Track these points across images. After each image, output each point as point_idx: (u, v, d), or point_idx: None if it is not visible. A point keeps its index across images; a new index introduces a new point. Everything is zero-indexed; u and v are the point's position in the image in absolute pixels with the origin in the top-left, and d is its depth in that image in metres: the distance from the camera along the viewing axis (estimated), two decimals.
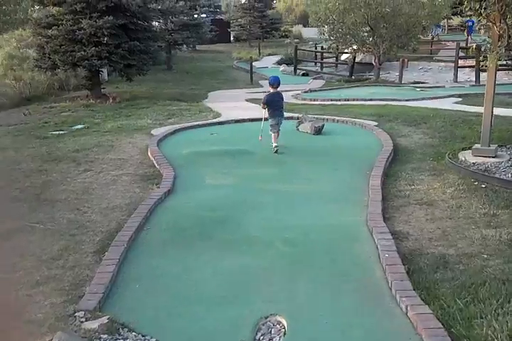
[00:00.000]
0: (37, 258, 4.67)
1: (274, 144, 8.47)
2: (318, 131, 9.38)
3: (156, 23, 23.24)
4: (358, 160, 7.82)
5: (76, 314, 3.65)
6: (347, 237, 4.88)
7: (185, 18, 22.87)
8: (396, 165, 7.52)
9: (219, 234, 5.06)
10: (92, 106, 13.94)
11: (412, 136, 9.28)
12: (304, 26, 52.62)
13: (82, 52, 13.42)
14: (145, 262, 4.55)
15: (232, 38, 42.47)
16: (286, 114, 11.50)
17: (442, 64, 25.46)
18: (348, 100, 14.11)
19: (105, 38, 13.39)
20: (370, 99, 14.01)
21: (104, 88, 15.53)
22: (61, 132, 10.74)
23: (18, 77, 15.85)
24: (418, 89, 16.30)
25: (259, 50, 33.19)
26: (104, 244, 4.90)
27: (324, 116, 11.05)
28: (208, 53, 34.09)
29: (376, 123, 10.28)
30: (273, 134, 8.61)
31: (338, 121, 10.48)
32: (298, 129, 9.73)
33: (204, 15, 32.55)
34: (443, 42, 31.23)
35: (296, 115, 11.26)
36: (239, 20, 41.06)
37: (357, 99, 14.09)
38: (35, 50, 14.53)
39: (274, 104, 8.60)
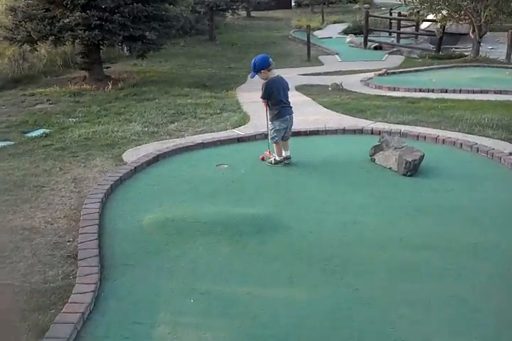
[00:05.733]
0: None
1: (278, 158, 5.47)
2: (413, 170, 5.03)
3: None
4: None
5: None
6: None
7: None
8: None
9: None
10: (81, 94, 10.05)
11: None
12: None
13: (65, 20, 9.42)
14: None
15: (293, 3, 37.46)
16: (351, 121, 7.27)
17: None
18: (446, 91, 9.52)
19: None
20: (481, 92, 9.35)
21: (107, 67, 11.54)
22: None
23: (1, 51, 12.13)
24: None
25: (323, 16, 28.19)
26: None
27: (417, 129, 6.63)
28: (263, 20, 29.52)
29: None
30: (276, 145, 5.45)
31: (444, 141, 6.03)
32: (373, 161, 5.42)
33: None
34: None
35: (368, 124, 6.90)
36: None
37: (460, 91, 9.48)
38: (9, 16, 10.59)
39: (281, 96, 5.36)
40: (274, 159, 5.44)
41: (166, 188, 4.85)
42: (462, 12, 15.25)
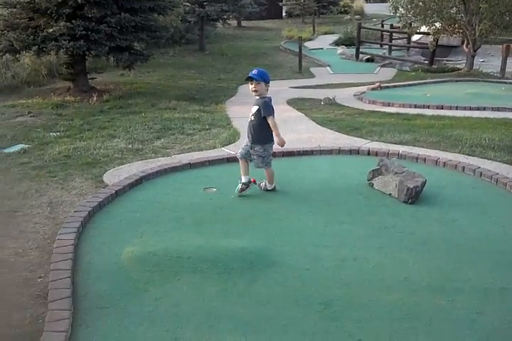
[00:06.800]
0: None
1: (270, 186, 5.08)
2: (415, 197, 4.71)
3: None
4: None
5: None
6: None
7: None
8: None
9: None
10: (64, 106, 9.66)
11: None
12: (366, 1, 46.99)
13: (49, 29, 9.06)
14: None
15: (284, 14, 37.34)
16: (346, 140, 6.93)
17: None
18: (442, 107, 9.25)
19: (84, 8, 8.99)
20: (478, 108, 9.10)
21: (92, 78, 11.16)
22: None
23: None
24: None
25: (314, 27, 28.06)
26: None
27: (416, 150, 6.32)
28: (254, 30, 29.28)
29: None
30: (269, 169, 5.00)
31: (445, 164, 5.72)
32: (372, 185, 5.09)
33: None
34: None
35: (364, 143, 6.58)
36: None
37: (456, 107, 9.21)
38: None
39: None
40: (265, 187, 5.08)
41: (148, 216, 4.47)
42: (456, 25, 15.06)
